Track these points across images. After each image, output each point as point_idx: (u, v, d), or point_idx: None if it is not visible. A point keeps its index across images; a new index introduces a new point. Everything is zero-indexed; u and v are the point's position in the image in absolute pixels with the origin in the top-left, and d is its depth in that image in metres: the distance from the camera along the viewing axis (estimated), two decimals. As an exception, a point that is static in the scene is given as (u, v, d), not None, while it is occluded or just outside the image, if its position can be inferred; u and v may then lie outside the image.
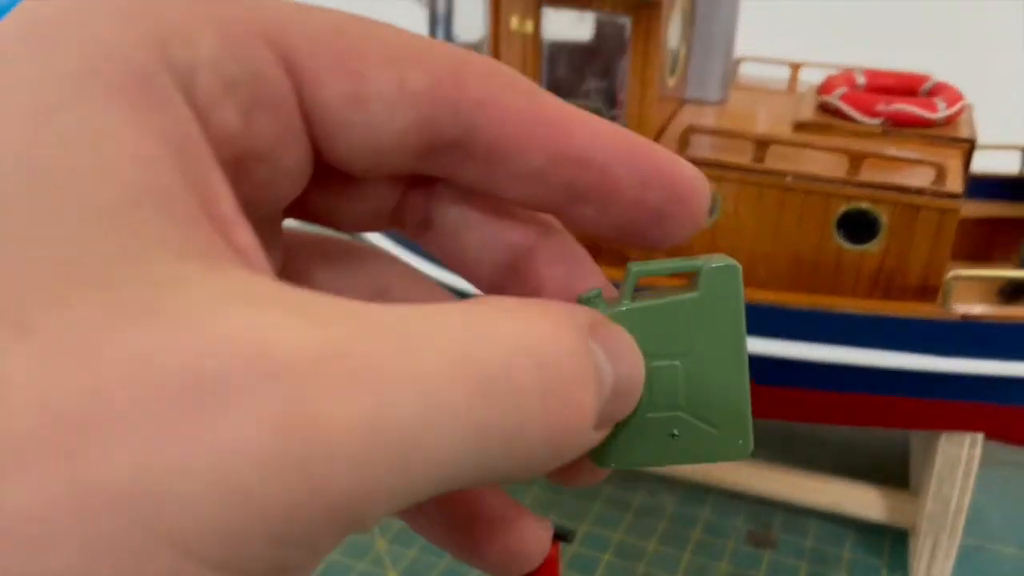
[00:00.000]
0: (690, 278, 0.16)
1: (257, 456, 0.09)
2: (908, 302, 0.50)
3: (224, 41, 0.12)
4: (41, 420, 0.09)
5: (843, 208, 0.51)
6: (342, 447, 0.09)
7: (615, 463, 0.16)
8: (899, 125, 0.54)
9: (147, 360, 0.09)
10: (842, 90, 0.57)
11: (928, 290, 0.50)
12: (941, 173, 0.49)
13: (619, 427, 0.16)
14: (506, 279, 0.17)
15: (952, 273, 0.48)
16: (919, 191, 0.49)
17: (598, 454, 0.16)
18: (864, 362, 0.50)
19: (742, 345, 0.16)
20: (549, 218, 0.18)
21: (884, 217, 0.50)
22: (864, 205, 0.51)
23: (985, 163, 0.70)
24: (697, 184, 0.16)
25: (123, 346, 0.09)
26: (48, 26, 0.11)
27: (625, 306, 0.16)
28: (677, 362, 0.16)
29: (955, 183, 0.49)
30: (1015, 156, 0.66)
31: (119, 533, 0.09)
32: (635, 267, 0.16)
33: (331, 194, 0.17)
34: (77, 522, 0.08)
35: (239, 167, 0.13)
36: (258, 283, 0.11)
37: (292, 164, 0.14)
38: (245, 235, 0.12)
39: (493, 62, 0.15)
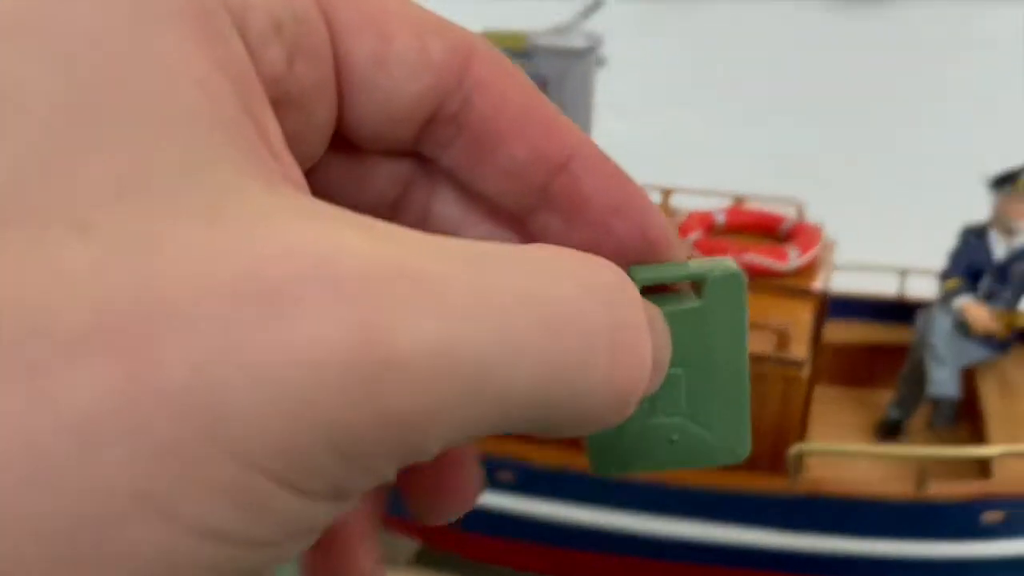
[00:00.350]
0: (693, 284, 0.16)
1: (324, 367, 0.09)
2: (754, 474, 0.48)
3: None
4: (98, 316, 0.08)
5: (688, 373, 0.49)
6: (411, 367, 0.09)
7: (615, 469, 0.16)
8: (750, 276, 0.53)
9: (210, 261, 0.09)
10: (696, 235, 0.55)
11: (780, 459, 0.48)
12: (783, 340, 0.47)
13: (619, 433, 0.16)
14: None
15: (796, 448, 0.46)
16: (761, 358, 0.47)
17: (597, 461, 0.16)
18: (708, 537, 0.47)
19: (743, 353, 0.15)
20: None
21: (730, 383, 0.48)
22: (709, 370, 0.48)
23: (867, 283, 0.68)
24: (667, 232, 0.16)
25: (185, 246, 0.09)
26: None
27: None
28: (680, 370, 0.16)
29: (799, 348, 0.47)
30: (895, 277, 0.65)
31: (178, 437, 0.08)
32: (639, 272, 0.16)
33: (336, 176, 0.16)
34: (134, 423, 0.08)
35: (277, 112, 0.13)
36: (320, 203, 0.10)
37: (321, 119, 0.14)
38: (295, 170, 0.12)
39: (498, 51, 0.15)
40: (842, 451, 0.48)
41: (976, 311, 0.55)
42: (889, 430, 0.59)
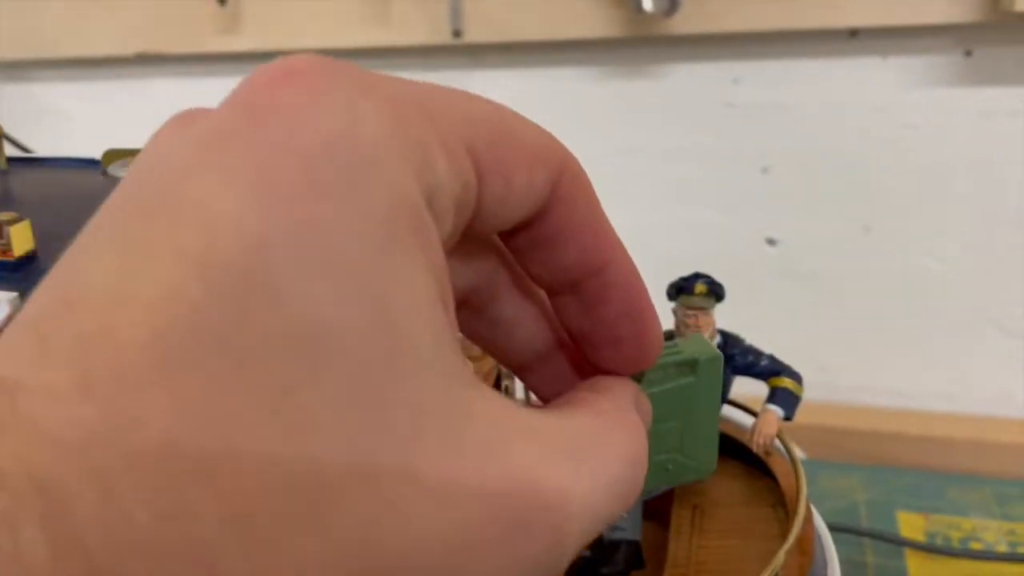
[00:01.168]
0: (686, 363, 0.24)
1: (540, 561, 0.15)
2: None
3: (449, 160, 0.15)
4: (445, 548, 0.13)
5: None
6: (569, 551, 0.15)
7: None
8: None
9: (490, 499, 0.14)
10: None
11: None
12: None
13: None
14: (535, 363, 0.22)
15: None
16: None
17: None
18: None
19: (719, 406, 0.24)
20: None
21: None
22: None
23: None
24: (657, 339, 0.20)
25: (475, 487, 0.14)
26: (356, 168, 0.13)
27: (647, 391, 0.22)
28: (675, 423, 0.23)
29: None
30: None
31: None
32: (651, 372, 0.22)
33: None
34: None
35: None
36: (510, 413, 0.15)
37: (451, 245, 0.17)
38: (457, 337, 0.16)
39: (581, 167, 0.18)
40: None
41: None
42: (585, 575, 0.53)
